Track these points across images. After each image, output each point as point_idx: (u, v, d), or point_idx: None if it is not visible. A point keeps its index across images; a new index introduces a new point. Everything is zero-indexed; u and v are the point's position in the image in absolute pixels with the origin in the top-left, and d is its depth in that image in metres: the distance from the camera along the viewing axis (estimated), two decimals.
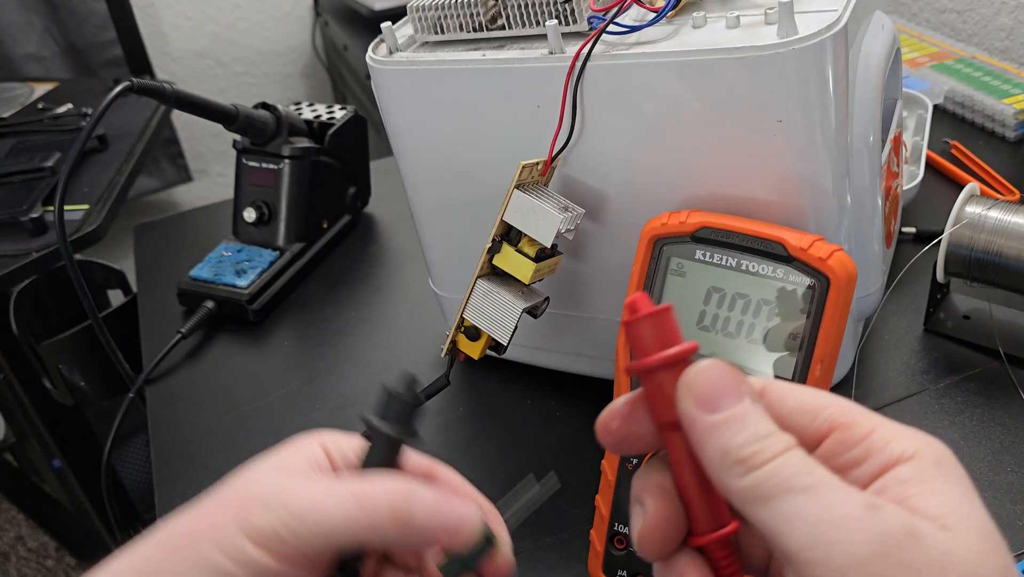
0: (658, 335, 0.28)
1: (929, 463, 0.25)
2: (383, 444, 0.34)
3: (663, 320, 0.28)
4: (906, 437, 0.26)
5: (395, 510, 0.31)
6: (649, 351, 0.28)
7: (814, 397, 0.27)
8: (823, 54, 0.44)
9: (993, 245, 0.60)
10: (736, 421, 0.26)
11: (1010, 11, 1.09)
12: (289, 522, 0.30)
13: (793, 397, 0.28)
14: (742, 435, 0.26)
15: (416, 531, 0.32)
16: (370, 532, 0.31)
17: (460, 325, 0.53)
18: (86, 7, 1.71)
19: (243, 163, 0.86)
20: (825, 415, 0.27)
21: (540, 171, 0.51)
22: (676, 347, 0.28)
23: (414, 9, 0.54)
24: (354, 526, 0.31)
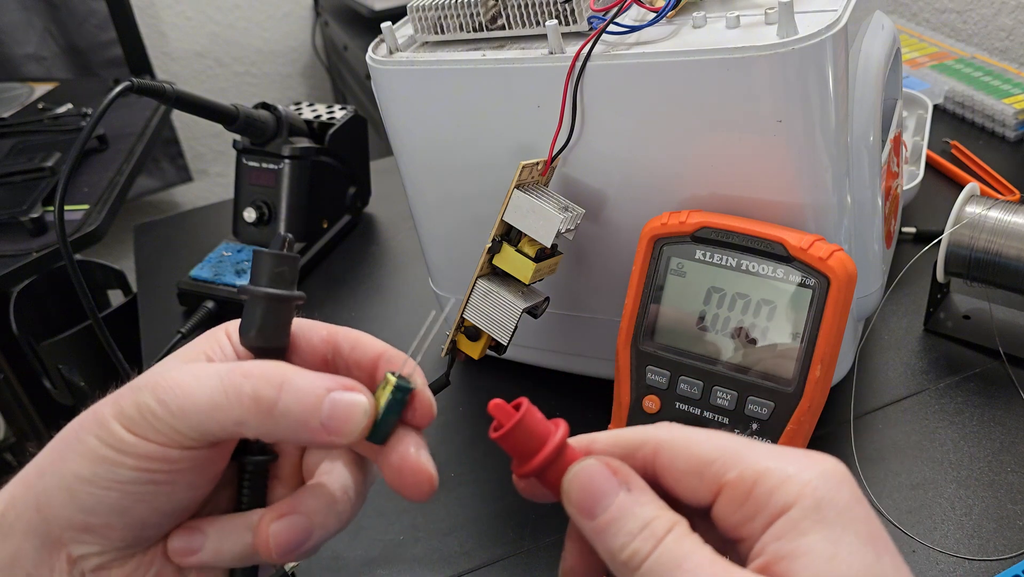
0: (528, 437, 0.29)
1: (807, 509, 0.25)
2: (258, 307, 0.31)
3: (524, 425, 0.28)
4: (790, 483, 0.25)
5: (258, 398, 0.29)
6: (527, 453, 0.29)
7: (703, 450, 0.27)
8: (823, 54, 0.44)
9: (993, 245, 0.60)
10: (613, 523, 0.27)
11: (1010, 11, 1.09)
12: (151, 405, 0.28)
13: (683, 458, 0.28)
14: (619, 538, 0.27)
15: (283, 423, 0.29)
16: (233, 418, 0.29)
17: (460, 325, 0.53)
18: (86, 7, 1.71)
19: (243, 163, 0.86)
20: (711, 473, 0.27)
21: (540, 171, 0.51)
22: (543, 451, 0.28)
23: (414, 9, 0.54)
24: (217, 412, 0.29)
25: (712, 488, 0.27)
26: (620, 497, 0.27)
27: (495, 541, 0.55)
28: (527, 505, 0.57)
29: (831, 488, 0.25)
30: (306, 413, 0.29)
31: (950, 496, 0.53)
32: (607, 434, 0.30)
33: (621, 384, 0.50)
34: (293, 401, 0.29)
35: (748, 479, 0.26)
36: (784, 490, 0.25)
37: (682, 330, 0.48)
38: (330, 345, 0.34)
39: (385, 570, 0.55)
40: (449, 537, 0.56)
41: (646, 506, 0.27)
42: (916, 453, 0.57)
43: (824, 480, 0.25)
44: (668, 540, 0.26)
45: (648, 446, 0.28)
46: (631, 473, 0.28)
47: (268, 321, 0.31)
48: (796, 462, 0.26)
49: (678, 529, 0.26)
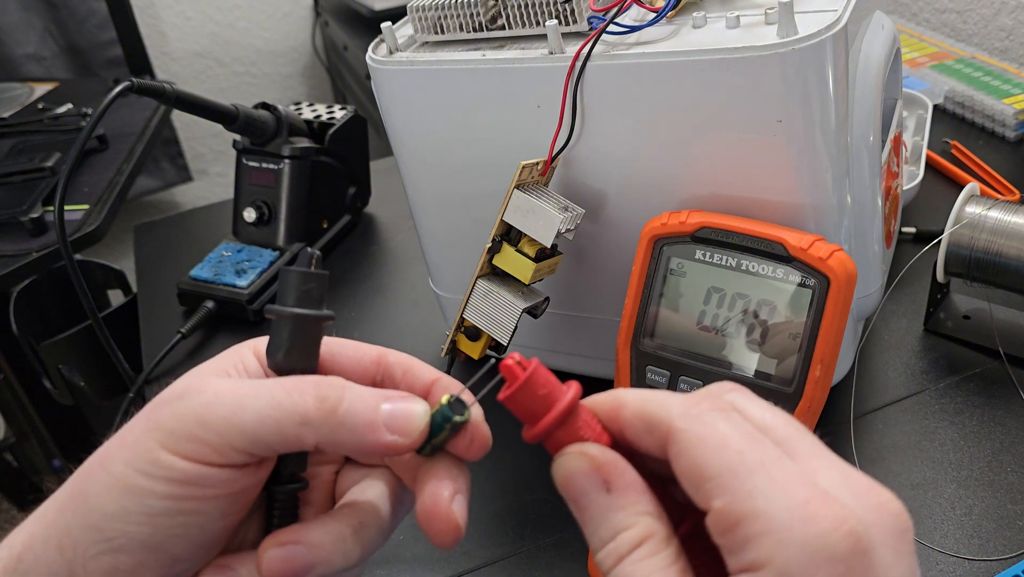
0: (536, 400, 0.28)
1: None
2: (286, 327, 0.29)
3: (531, 387, 0.27)
4: (767, 540, 0.23)
5: (323, 397, 0.28)
6: (535, 417, 0.28)
7: (706, 462, 0.25)
8: (823, 54, 0.44)
9: (993, 245, 0.60)
10: (588, 523, 0.27)
11: (1010, 11, 1.09)
12: (202, 413, 0.27)
13: (685, 461, 0.25)
14: (592, 540, 0.26)
15: (348, 422, 0.28)
16: (296, 420, 0.27)
17: (460, 325, 0.53)
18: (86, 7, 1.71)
19: (243, 163, 0.86)
20: (704, 489, 0.25)
21: (540, 171, 0.51)
22: (547, 417, 0.28)
23: (414, 9, 0.54)
24: (279, 412, 0.27)
25: (703, 503, 0.25)
26: (597, 499, 0.26)
27: (495, 541, 0.55)
28: (527, 505, 0.58)
29: (814, 563, 0.22)
30: (369, 412, 0.28)
31: (950, 496, 0.53)
32: (636, 399, 0.28)
33: (621, 384, 0.50)
34: (357, 400, 0.28)
35: (732, 516, 0.24)
36: (759, 545, 0.23)
37: (682, 330, 0.48)
38: (381, 368, 0.33)
39: (385, 570, 0.55)
40: None
41: (620, 512, 0.26)
42: (916, 453, 0.57)
43: (810, 551, 0.22)
44: (627, 562, 0.25)
45: (664, 427, 0.26)
46: (616, 469, 0.27)
47: (296, 342, 0.30)
48: (793, 512, 0.23)
49: (646, 547, 0.25)
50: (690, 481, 0.25)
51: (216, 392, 0.27)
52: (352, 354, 0.32)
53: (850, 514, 0.23)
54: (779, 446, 0.25)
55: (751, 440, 0.25)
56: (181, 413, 0.27)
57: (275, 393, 0.28)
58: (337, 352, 0.33)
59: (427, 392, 0.32)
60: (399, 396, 0.30)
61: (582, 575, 0.51)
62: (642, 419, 0.27)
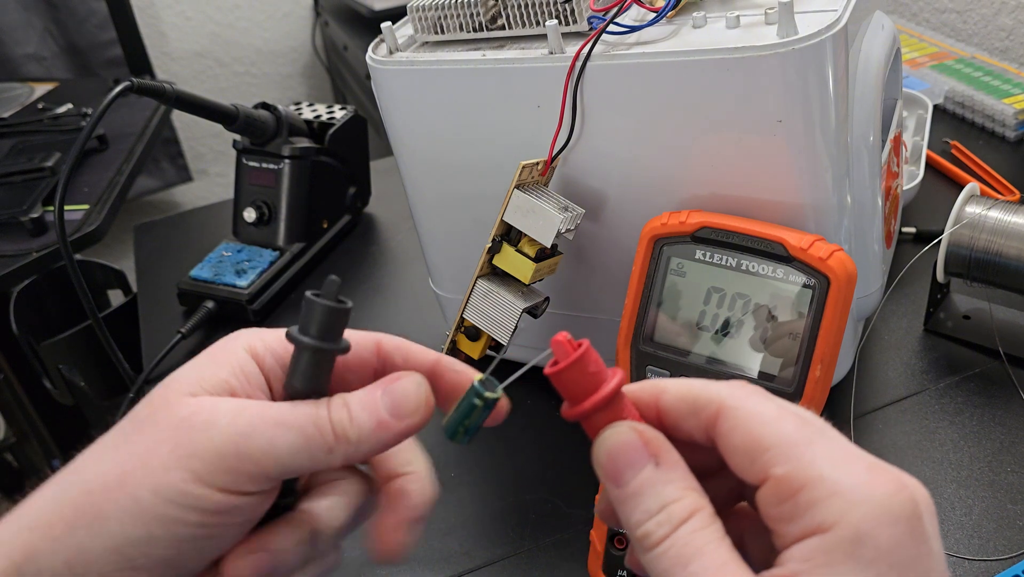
0: (582, 379, 0.28)
1: (844, 540, 0.23)
2: (304, 356, 0.30)
3: (580, 365, 0.28)
4: (837, 501, 0.23)
5: (337, 421, 0.29)
6: (580, 395, 0.28)
7: (762, 434, 0.25)
8: (823, 54, 0.44)
9: (993, 245, 0.60)
10: (633, 497, 0.26)
11: (1010, 11, 1.09)
12: (240, 445, 0.27)
13: (740, 435, 0.26)
14: (636, 513, 0.26)
15: (363, 440, 0.30)
16: (323, 453, 0.29)
17: (460, 325, 0.53)
18: (86, 7, 1.71)
19: (243, 163, 0.86)
20: (762, 460, 0.25)
21: (540, 171, 0.51)
22: (593, 397, 0.28)
23: (414, 9, 0.54)
24: (309, 446, 0.28)
25: (759, 474, 0.25)
26: (646, 471, 0.26)
27: (495, 541, 0.55)
28: (527, 505, 0.58)
29: (880, 521, 0.23)
30: (375, 415, 0.30)
31: (950, 496, 0.53)
32: (679, 384, 0.28)
33: None
34: (360, 410, 0.29)
35: (795, 481, 0.24)
36: (828, 507, 0.23)
37: (682, 330, 0.48)
38: (380, 357, 0.33)
39: (385, 570, 0.55)
40: (449, 537, 0.56)
41: (670, 485, 0.26)
42: (916, 453, 0.57)
43: (876, 511, 0.23)
44: (682, 531, 0.25)
45: (712, 407, 0.27)
46: (664, 446, 0.27)
47: (313, 371, 0.30)
48: (856, 476, 0.24)
49: (697, 519, 0.25)
50: (745, 454, 0.26)
51: (250, 423, 0.28)
52: (353, 350, 0.32)
53: (908, 482, 0.24)
54: (822, 431, 0.26)
55: (801, 417, 0.26)
56: (218, 445, 0.27)
57: (305, 427, 0.29)
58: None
59: (431, 375, 0.32)
60: (388, 380, 0.31)
61: (582, 575, 0.51)
62: (686, 402, 0.28)
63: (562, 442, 0.61)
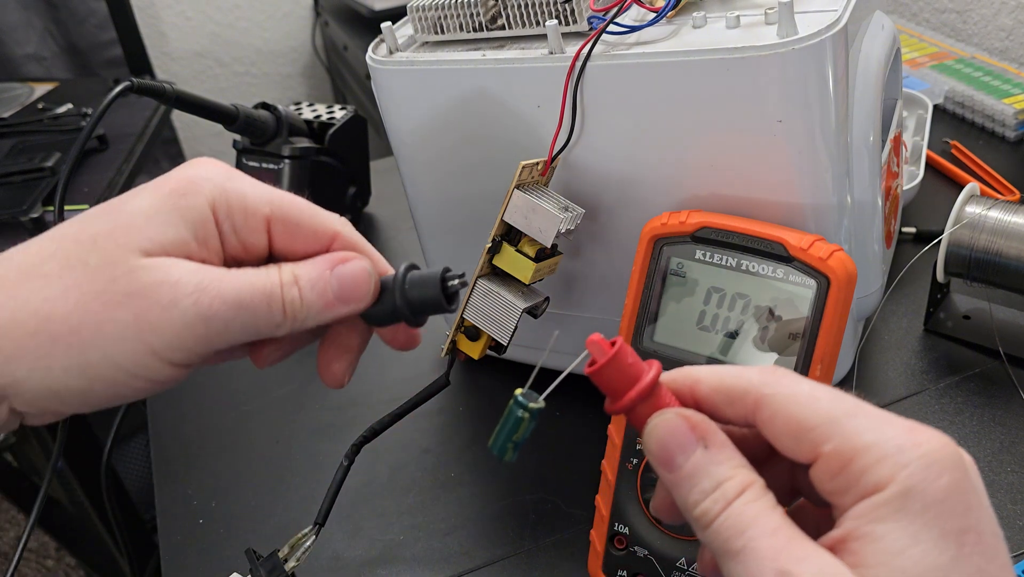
0: (621, 375, 0.29)
1: (894, 495, 0.24)
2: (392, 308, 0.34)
3: (617, 362, 0.29)
4: (885, 463, 0.25)
5: (290, 301, 0.32)
6: (620, 390, 0.29)
7: (803, 415, 0.27)
8: (823, 54, 0.44)
9: (993, 245, 0.60)
10: (687, 479, 0.27)
11: (1010, 11, 1.09)
12: (199, 329, 0.30)
13: (782, 419, 0.27)
14: (692, 495, 0.27)
15: (310, 319, 0.33)
16: (271, 328, 0.32)
17: (460, 325, 0.53)
18: (86, 7, 1.71)
19: (243, 163, 0.86)
20: (809, 439, 0.26)
21: (540, 171, 0.51)
22: (632, 391, 0.29)
23: (414, 9, 0.54)
24: (256, 322, 0.32)
25: (809, 454, 0.26)
26: (697, 455, 0.27)
27: (495, 541, 0.55)
28: (527, 505, 0.58)
29: (927, 475, 0.24)
30: (323, 296, 0.33)
31: None
32: (711, 374, 0.30)
33: None
34: (308, 289, 0.32)
35: (845, 454, 0.25)
36: (878, 470, 0.25)
37: (682, 330, 0.48)
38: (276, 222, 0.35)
39: (385, 570, 0.55)
40: (449, 537, 0.56)
41: (721, 465, 0.27)
42: None
43: (922, 466, 0.24)
44: (737, 504, 0.26)
45: (749, 398, 0.28)
46: (710, 428, 0.28)
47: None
48: (899, 439, 0.25)
49: (750, 492, 0.26)
50: (790, 438, 0.27)
51: (211, 306, 0.30)
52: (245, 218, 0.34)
53: (949, 439, 0.25)
54: (859, 404, 0.27)
55: (835, 393, 0.27)
56: (178, 327, 0.30)
57: (258, 307, 0.31)
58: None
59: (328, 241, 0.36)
60: (337, 260, 0.34)
61: (582, 575, 0.51)
62: (722, 392, 0.29)
63: (562, 442, 0.61)
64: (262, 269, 0.32)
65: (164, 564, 0.57)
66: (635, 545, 0.48)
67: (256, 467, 0.64)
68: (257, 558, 0.49)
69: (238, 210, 0.33)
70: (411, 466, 0.62)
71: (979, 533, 0.24)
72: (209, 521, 0.60)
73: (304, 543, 0.50)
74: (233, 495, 0.62)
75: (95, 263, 0.30)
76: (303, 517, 0.59)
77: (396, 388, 0.69)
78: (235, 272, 0.32)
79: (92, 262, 0.30)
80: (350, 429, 0.65)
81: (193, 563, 0.57)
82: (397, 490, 0.60)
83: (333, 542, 0.57)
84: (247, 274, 0.32)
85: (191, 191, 0.32)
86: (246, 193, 0.33)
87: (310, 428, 0.67)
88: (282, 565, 0.48)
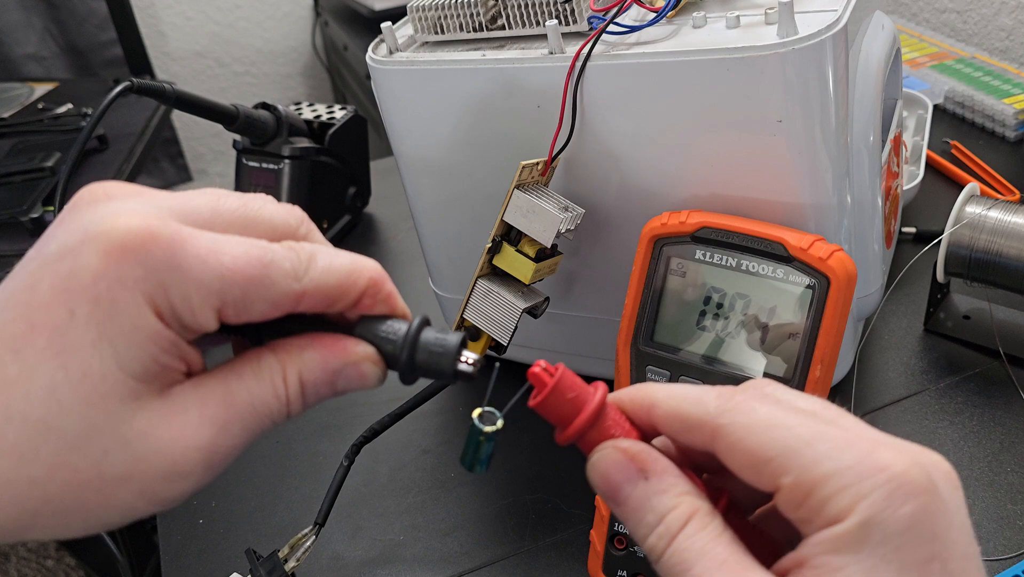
0: (564, 404, 0.28)
1: (853, 527, 0.23)
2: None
3: (559, 392, 0.28)
4: (844, 495, 0.24)
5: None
6: (566, 420, 0.29)
7: (761, 445, 0.25)
8: (823, 54, 0.44)
9: (993, 245, 0.60)
10: (633, 513, 0.27)
11: (1010, 11, 1.09)
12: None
13: (740, 451, 0.26)
14: (640, 528, 0.27)
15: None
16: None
17: (460, 325, 0.53)
18: (86, 7, 1.71)
19: (243, 163, 0.86)
20: (768, 471, 0.25)
21: (540, 171, 0.51)
22: (577, 420, 0.28)
23: (414, 9, 0.54)
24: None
25: (770, 485, 0.25)
26: (638, 488, 0.27)
27: (495, 541, 0.55)
28: (527, 505, 0.58)
29: (889, 505, 0.23)
30: (321, 396, 0.29)
31: None
32: (668, 398, 0.28)
33: (621, 384, 0.50)
34: (312, 394, 0.28)
35: (804, 486, 0.24)
36: (837, 501, 0.24)
37: (682, 330, 0.48)
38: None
39: (385, 570, 0.55)
40: (449, 537, 0.56)
41: (664, 495, 0.27)
42: None
43: (884, 495, 0.23)
44: (680, 538, 0.26)
45: (706, 429, 0.27)
46: (650, 457, 0.28)
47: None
48: (861, 465, 0.24)
49: (693, 523, 0.26)
50: (750, 469, 0.26)
51: (215, 452, 0.26)
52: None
53: (918, 455, 0.24)
54: (826, 424, 0.26)
55: (796, 415, 0.26)
56: (181, 489, 0.26)
57: (260, 419, 0.27)
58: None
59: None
60: (340, 365, 0.28)
61: (582, 575, 0.51)
62: (679, 420, 0.28)
63: None
64: (263, 377, 0.27)
65: (164, 564, 0.57)
66: (635, 545, 0.48)
67: (256, 467, 0.64)
68: (257, 558, 0.49)
69: (184, 311, 0.25)
70: (411, 466, 0.62)
71: (944, 561, 0.23)
72: (209, 521, 0.60)
73: (304, 543, 0.50)
74: (233, 495, 0.62)
75: (73, 432, 0.24)
76: (303, 517, 0.59)
77: (396, 388, 0.69)
78: (232, 400, 0.27)
79: (69, 430, 0.24)
80: (350, 429, 0.65)
81: (193, 563, 0.57)
82: (397, 490, 0.60)
83: (333, 542, 0.57)
84: (242, 394, 0.27)
85: (128, 303, 0.24)
86: (190, 292, 0.25)
87: (310, 428, 0.67)
88: (282, 565, 0.49)
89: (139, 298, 0.24)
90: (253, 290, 0.26)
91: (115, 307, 0.24)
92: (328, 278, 0.28)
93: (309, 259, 0.27)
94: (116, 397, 0.25)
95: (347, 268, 0.29)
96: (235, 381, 0.27)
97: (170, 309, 0.25)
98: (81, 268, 0.24)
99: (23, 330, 0.24)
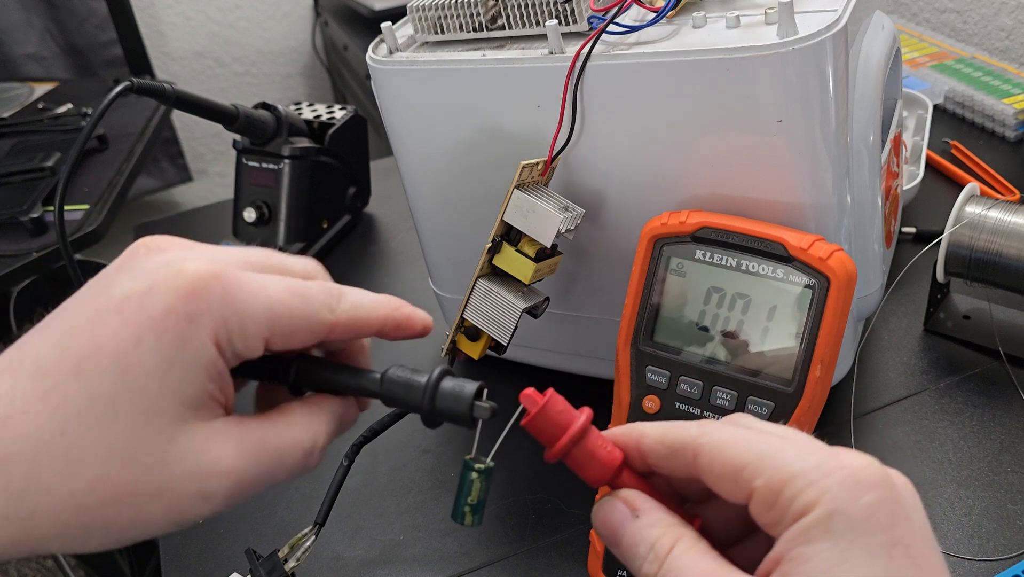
0: (552, 425, 0.31)
1: (819, 518, 0.25)
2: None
3: (547, 414, 0.31)
4: (810, 489, 0.26)
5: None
6: (553, 439, 0.31)
7: (735, 455, 0.28)
8: (823, 54, 0.44)
9: (993, 245, 0.60)
10: (629, 549, 0.30)
11: (1010, 11, 1.09)
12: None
13: (718, 464, 0.28)
14: (635, 560, 0.29)
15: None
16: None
17: (460, 325, 0.53)
18: (86, 7, 1.71)
19: (243, 163, 0.86)
20: (743, 478, 0.28)
21: (540, 171, 0.51)
22: (562, 439, 0.31)
23: (414, 9, 0.54)
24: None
25: (745, 492, 0.28)
26: (631, 525, 0.30)
27: (495, 541, 0.55)
28: (527, 505, 0.58)
29: (851, 495, 0.25)
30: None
31: (950, 496, 0.53)
32: (655, 428, 0.31)
33: (621, 384, 0.50)
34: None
35: (775, 486, 0.27)
36: (805, 495, 0.26)
37: (682, 330, 0.48)
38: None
39: (385, 570, 0.55)
40: (449, 537, 0.56)
41: (653, 528, 0.29)
42: (916, 453, 0.57)
43: (846, 487, 0.25)
44: (669, 559, 0.28)
45: (688, 449, 0.29)
46: (639, 498, 0.31)
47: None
48: (825, 464, 0.26)
49: (680, 545, 0.28)
50: (727, 479, 0.28)
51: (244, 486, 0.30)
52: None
53: (874, 459, 0.27)
54: (794, 437, 0.29)
55: (765, 432, 0.29)
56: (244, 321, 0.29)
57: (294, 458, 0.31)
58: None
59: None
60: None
61: (582, 575, 0.51)
62: (664, 445, 0.31)
63: None
64: (297, 431, 0.32)
65: (164, 564, 0.58)
66: None
67: None
68: (257, 558, 0.49)
69: (239, 341, 0.29)
70: (411, 466, 0.62)
71: (908, 546, 0.25)
72: (209, 521, 0.60)
73: (304, 543, 0.50)
74: None
75: (120, 447, 0.27)
76: (303, 517, 0.59)
77: None
78: (267, 441, 0.30)
79: (117, 446, 0.27)
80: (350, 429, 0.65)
81: (193, 563, 0.57)
82: (397, 490, 0.60)
83: (333, 542, 0.57)
84: (276, 439, 0.31)
85: (193, 335, 0.28)
86: (246, 324, 0.29)
87: None
88: (282, 565, 0.49)
89: (203, 332, 0.28)
90: (296, 320, 0.30)
91: (181, 338, 0.27)
92: (356, 311, 0.33)
93: (340, 294, 0.32)
94: (167, 418, 0.28)
95: (371, 302, 0.34)
96: (271, 427, 0.31)
97: (228, 339, 0.29)
98: (152, 305, 0.27)
99: (88, 351, 0.27)
